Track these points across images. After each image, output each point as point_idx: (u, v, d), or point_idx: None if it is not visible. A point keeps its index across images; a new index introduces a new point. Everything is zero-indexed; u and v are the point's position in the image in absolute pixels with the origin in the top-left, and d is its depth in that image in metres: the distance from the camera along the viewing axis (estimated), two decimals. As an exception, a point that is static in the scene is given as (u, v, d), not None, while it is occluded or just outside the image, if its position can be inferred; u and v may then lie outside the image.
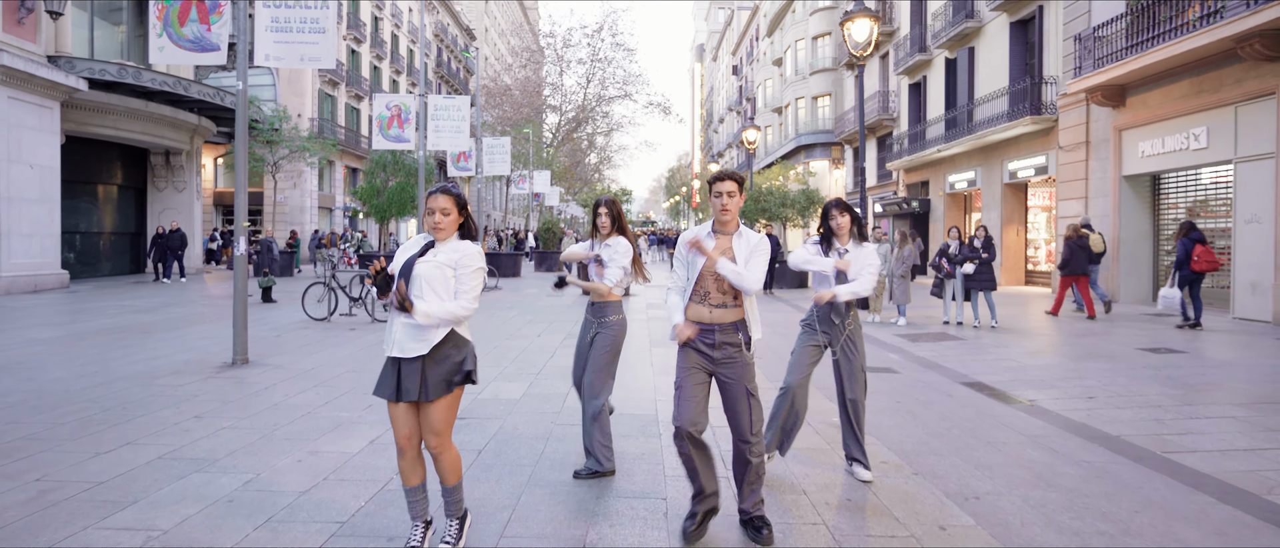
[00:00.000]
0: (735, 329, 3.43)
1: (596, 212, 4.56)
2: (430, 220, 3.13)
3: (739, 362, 3.40)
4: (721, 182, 3.46)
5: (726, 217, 3.45)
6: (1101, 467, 4.63)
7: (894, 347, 9.71)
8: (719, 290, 3.42)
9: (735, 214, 3.47)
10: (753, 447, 3.40)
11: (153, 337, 9.81)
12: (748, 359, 3.43)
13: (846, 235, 4.61)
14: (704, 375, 3.45)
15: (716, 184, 3.47)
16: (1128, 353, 8.88)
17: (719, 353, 3.41)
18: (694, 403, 3.38)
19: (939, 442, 5.18)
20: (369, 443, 4.95)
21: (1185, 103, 12.62)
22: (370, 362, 8.09)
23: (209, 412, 5.76)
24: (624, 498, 4.00)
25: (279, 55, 7.55)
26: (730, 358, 3.41)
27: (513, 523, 3.64)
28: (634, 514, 3.77)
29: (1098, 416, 5.93)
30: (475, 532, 3.53)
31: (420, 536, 3.23)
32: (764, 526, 3.44)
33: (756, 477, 3.46)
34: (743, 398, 3.40)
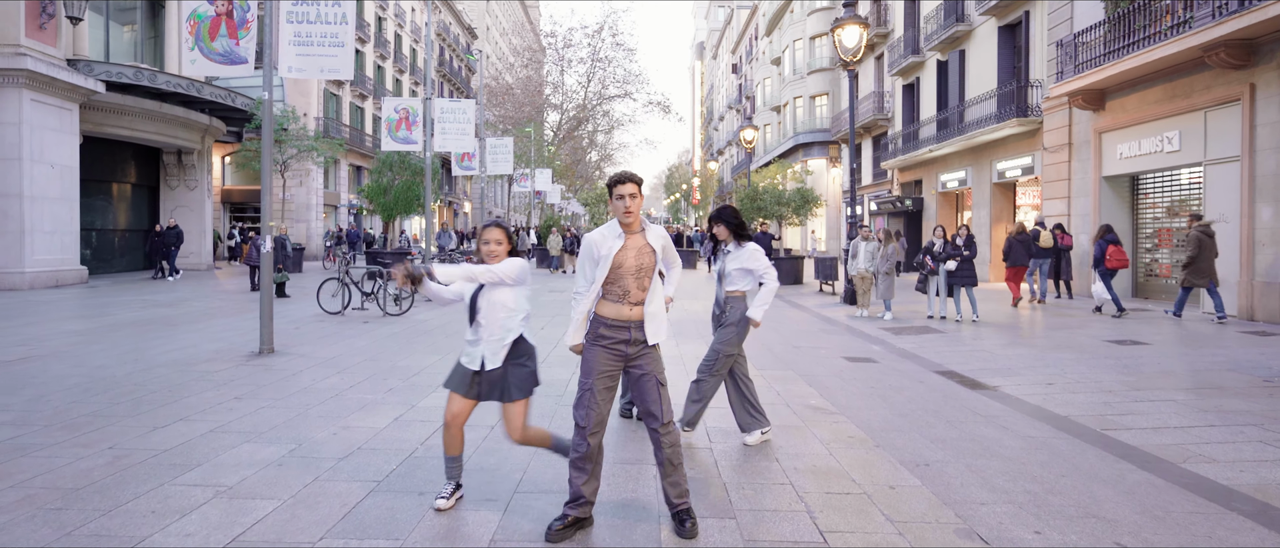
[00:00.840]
0: (642, 326, 3.56)
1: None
2: (486, 248, 3.80)
3: (650, 354, 3.56)
4: (622, 184, 3.48)
5: (629, 219, 3.48)
6: (1043, 441, 5.23)
7: (877, 339, 10.31)
8: (639, 288, 3.51)
9: (638, 215, 3.53)
10: (666, 431, 3.52)
11: (178, 329, 10.43)
12: (656, 352, 3.60)
13: (728, 239, 5.14)
14: (615, 378, 3.56)
15: (617, 187, 3.49)
16: (1095, 345, 9.47)
17: (634, 349, 3.53)
18: (604, 406, 3.51)
19: (903, 421, 5.79)
20: (393, 420, 5.56)
21: (1159, 107, 13.21)
22: (385, 352, 8.71)
23: (247, 394, 6.38)
24: (621, 463, 4.61)
25: (301, 67, 8.15)
26: (642, 352, 3.55)
27: (525, 481, 4.26)
28: (628, 475, 4.38)
29: (1053, 399, 6.52)
30: (494, 486, 4.14)
31: (449, 491, 3.87)
32: (688, 518, 3.53)
33: (673, 466, 3.54)
34: (655, 386, 3.53)
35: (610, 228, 3.56)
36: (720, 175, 67.77)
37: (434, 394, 6.45)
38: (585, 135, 46.03)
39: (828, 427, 5.58)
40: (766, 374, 7.62)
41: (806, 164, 38.24)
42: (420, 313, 12.72)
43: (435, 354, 8.56)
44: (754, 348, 9.23)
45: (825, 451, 4.96)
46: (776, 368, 8.03)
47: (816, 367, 8.17)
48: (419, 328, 10.86)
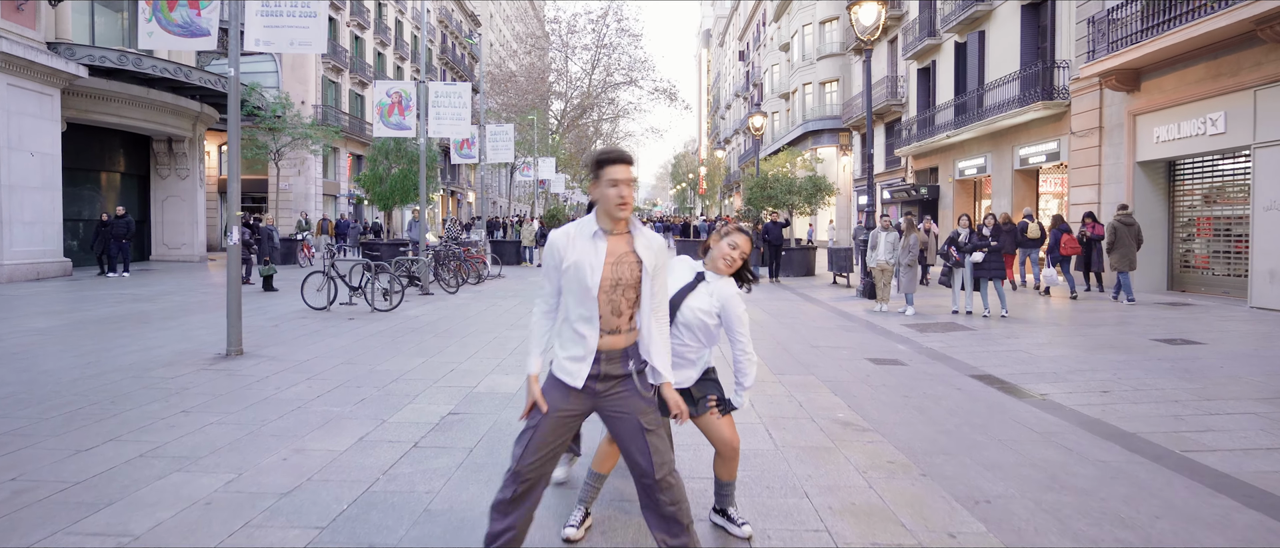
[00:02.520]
0: (625, 357, 2.72)
1: None
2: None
3: (627, 393, 2.73)
4: (614, 165, 2.61)
5: (623, 212, 2.62)
6: (1118, 467, 4.44)
7: (902, 337, 9.51)
8: (613, 313, 2.67)
9: (631, 207, 2.65)
10: (664, 486, 2.70)
11: (151, 326, 9.69)
12: (641, 391, 2.75)
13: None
14: (574, 420, 2.77)
15: (608, 168, 2.61)
16: (1142, 343, 8.65)
17: (602, 385, 2.71)
18: (548, 450, 2.70)
19: (947, 439, 5.00)
20: (357, 441, 4.80)
21: (1202, 87, 12.30)
22: (365, 353, 7.95)
23: (197, 406, 5.62)
24: (618, 501, 3.84)
25: (269, 40, 7.37)
26: (615, 391, 2.73)
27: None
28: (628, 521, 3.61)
29: (1113, 411, 5.73)
30: (462, 535, 3.37)
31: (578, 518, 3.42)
32: None
33: (681, 526, 2.75)
34: (638, 433, 2.70)
35: (584, 225, 2.69)
36: (727, 164, 66.80)
37: (409, 406, 5.69)
38: (590, 124, 45.17)
39: (862, 448, 4.79)
40: (786, 380, 6.84)
41: (816, 152, 37.34)
42: (412, 309, 11.96)
43: (420, 356, 7.80)
44: (771, 349, 8.45)
45: (863, 481, 4.17)
46: (796, 372, 7.25)
47: (839, 370, 7.38)
48: (408, 326, 10.10)
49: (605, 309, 2.66)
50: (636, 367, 2.75)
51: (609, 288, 2.64)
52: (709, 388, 3.31)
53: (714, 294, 3.18)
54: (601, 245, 2.64)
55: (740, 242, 3.22)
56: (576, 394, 2.73)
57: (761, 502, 3.84)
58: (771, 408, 5.76)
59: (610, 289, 2.64)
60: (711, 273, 3.26)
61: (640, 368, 2.76)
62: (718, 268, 3.23)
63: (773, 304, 13.11)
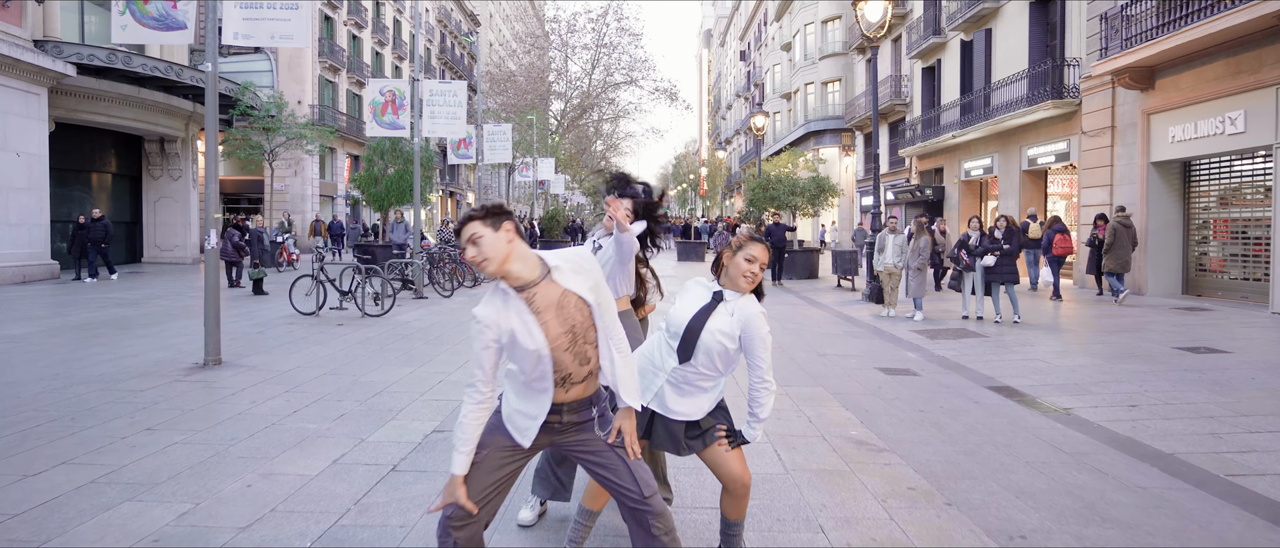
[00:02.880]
0: (588, 404, 2.49)
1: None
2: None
3: (590, 429, 2.50)
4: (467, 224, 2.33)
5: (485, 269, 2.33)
6: (1160, 494, 4.06)
7: (912, 344, 9.13)
8: (581, 362, 2.40)
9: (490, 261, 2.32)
10: (654, 512, 2.46)
11: (130, 332, 9.32)
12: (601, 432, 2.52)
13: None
14: (519, 459, 2.49)
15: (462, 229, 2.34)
16: (1164, 353, 8.26)
17: (559, 428, 2.48)
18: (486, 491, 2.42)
19: (971, 462, 4.62)
20: (331, 463, 4.42)
21: (1220, 84, 11.91)
22: (351, 362, 7.57)
23: (164, 423, 5.24)
24: (613, 536, 3.46)
25: (248, 33, 7.00)
26: (579, 429, 2.50)
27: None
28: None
29: (1144, 428, 5.34)
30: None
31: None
32: None
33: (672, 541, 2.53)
34: (612, 455, 2.48)
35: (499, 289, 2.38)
36: (728, 165, 66.43)
37: (392, 423, 5.31)
38: (590, 124, 44.77)
39: (879, 472, 4.41)
40: (793, 391, 6.46)
41: (818, 152, 36.98)
42: (403, 314, 11.58)
43: (408, 365, 7.42)
44: (776, 357, 8.05)
45: (883, 512, 3.79)
46: (804, 382, 6.87)
47: (849, 381, 7.00)
48: (398, 332, 9.72)
49: (572, 365, 2.39)
50: (599, 411, 2.53)
51: (567, 344, 2.35)
52: (717, 417, 2.93)
53: (735, 314, 2.80)
54: (519, 304, 2.34)
55: (758, 253, 2.84)
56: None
57: (772, 537, 3.46)
58: (779, 424, 5.38)
59: (569, 344, 2.36)
60: (730, 291, 2.88)
61: (603, 412, 2.55)
62: (738, 285, 2.85)
63: (776, 308, 12.73)
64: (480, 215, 2.32)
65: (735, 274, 2.84)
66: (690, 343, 2.78)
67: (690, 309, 2.84)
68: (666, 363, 2.85)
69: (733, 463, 2.86)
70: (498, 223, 2.31)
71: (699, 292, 2.91)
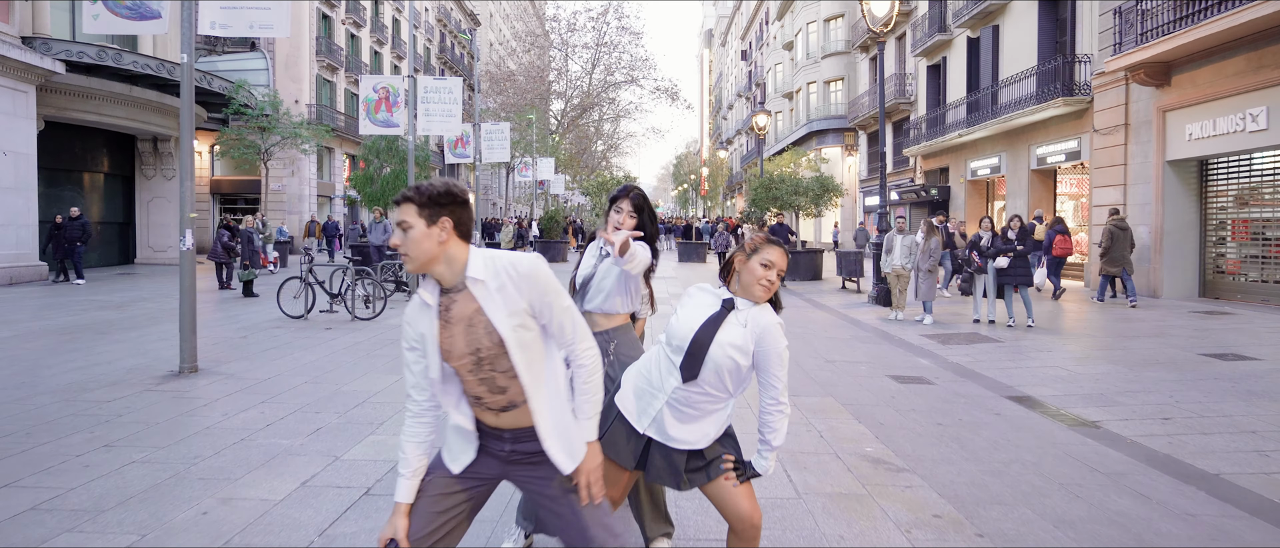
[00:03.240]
0: (534, 434, 2.07)
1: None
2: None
3: (543, 464, 2.10)
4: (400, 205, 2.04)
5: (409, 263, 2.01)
6: (1213, 524, 3.67)
7: (923, 350, 8.74)
8: (493, 390, 2.02)
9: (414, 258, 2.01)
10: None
11: (107, 338, 8.94)
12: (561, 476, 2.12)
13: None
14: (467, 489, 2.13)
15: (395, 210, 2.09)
16: (1189, 359, 7.87)
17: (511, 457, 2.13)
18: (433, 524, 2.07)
19: (999, 484, 4.22)
20: (299, 486, 4.03)
21: (1240, 80, 11.51)
22: (336, 369, 7.19)
23: (124, 438, 4.86)
24: None
25: (226, 22, 6.63)
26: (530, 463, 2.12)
27: None
28: None
29: (1182, 444, 4.95)
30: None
31: None
32: None
33: None
34: (567, 505, 2.11)
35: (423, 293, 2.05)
36: (730, 165, 66.04)
37: (370, 439, 4.92)
38: (591, 124, 44.39)
39: (900, 495, 4.03)
40: (800, 402, 6.07)
41: (821, 152, 36.58)
42: (395, 316, 11.19)
43: (394, 373, 7.04)
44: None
45: (908, 544, 3.40)
46: (812, 392, 6.47)
47: (860, 390, 6.61)
48: (387, 336, 9.33)
49: (479, 389, 2.01)
50: None
51: (470, 366, 1.98)
52: (724, 445, 2.54)
53: (749, 325, 2.41)
54: (429, 313, 2.01)
55: (775, 258, 2.44)
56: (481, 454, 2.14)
57: (785, 578, 3.07)
58: (789, 440, 4.98)
59: (473, 367, 1.98)
60: (742, 300, 2.48)
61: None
62: (753, 294, 2.46)
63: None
64: (417, 200, 1.96)
65: (749, 281, 2.45)
66: (697, 359, 2.39)
67: (696, 319, 2.45)
68: (667, 383, 2.46)
69: (742, 500, 2.47)
70: (435, 216, 1.95)
71: (705, 299, 2.51)
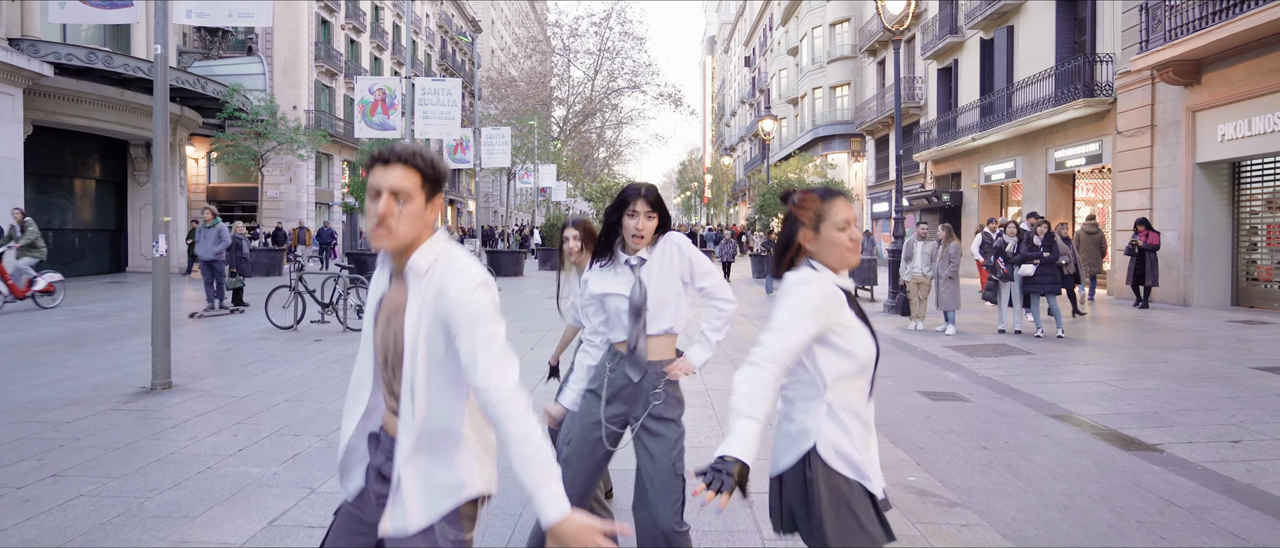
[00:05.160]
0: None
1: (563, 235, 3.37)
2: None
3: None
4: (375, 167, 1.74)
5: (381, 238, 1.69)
6: (1330, 572, 3.12)
7: (950, 363, 8.20)
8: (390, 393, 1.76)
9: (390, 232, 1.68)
10: None
11: (82, 350, 8.41)
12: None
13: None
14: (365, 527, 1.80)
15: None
16: (1242, 373, 7.32)
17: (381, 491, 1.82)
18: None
19: (1067, 522, 3.68)
20: (266, 526, 3.50)
21: (1277, 77, 10.98)
22: (321, 385, 6.66)
23: (76, 467, 4.33)
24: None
25: (203, 11, 6.13)
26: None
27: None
28: None
29: (1262, 472, 4.41)
30: None
31: None
32: None
33: None
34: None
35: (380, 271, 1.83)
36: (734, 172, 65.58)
37: (351, 467, 4.37)
38: (593, 130, 43.95)
39: (955, 536, 3.50)
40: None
41: (827, 158, 36.10)
42: (390, 327, 10.66)
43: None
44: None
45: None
46: (839, 412, 5.92)
47: (891, 409, 6.07)
48: (380, 348, 8.79)
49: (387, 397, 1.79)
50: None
51: (380, 363, 1.77)
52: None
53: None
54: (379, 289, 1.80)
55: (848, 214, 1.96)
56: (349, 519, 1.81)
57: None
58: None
59: (382, 365, 1.77)
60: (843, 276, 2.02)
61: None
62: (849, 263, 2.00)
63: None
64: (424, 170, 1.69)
65: (837, 253, 1.93)
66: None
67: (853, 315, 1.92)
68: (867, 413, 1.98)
69: None
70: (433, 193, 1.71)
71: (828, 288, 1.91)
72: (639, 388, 2.56)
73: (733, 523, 3.59)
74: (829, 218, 1.91)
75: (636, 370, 2.54)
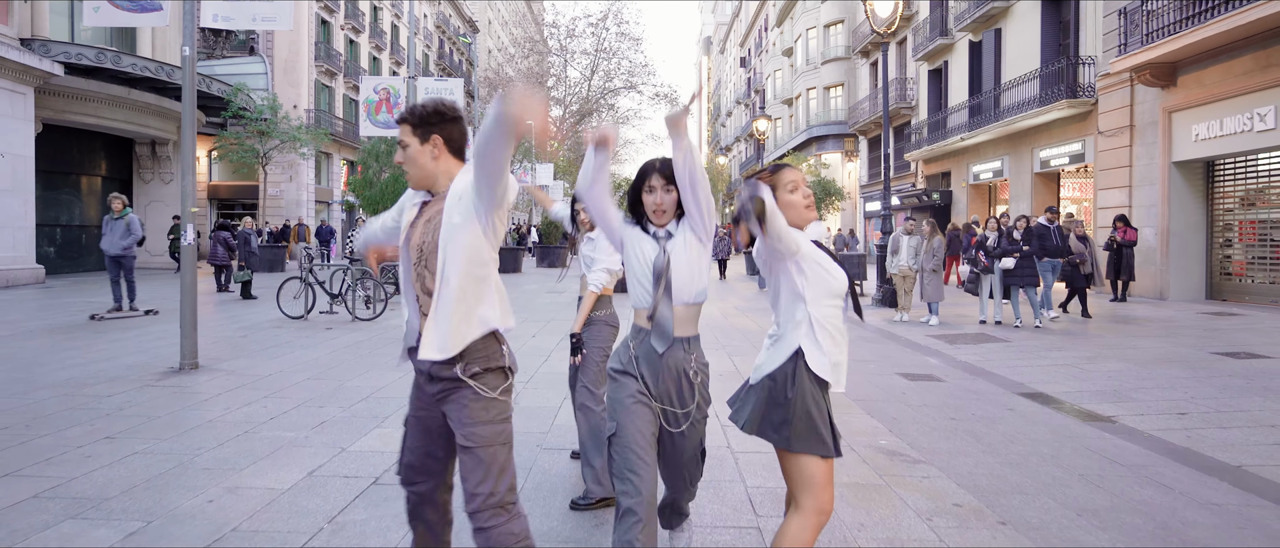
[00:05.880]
0: (451, 360, 2.18)
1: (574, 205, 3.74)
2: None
3: (460, 400, 2.19)
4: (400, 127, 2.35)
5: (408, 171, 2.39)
6: (1238, 513, 3.60)
7: (931, 349, 8.67)
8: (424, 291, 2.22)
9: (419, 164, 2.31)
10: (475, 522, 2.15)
11: (106, 336, 8.85)
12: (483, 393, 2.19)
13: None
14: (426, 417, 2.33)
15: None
16: (1201, 358, 7.80)
17: (433, 387, 2.24)
18: (416, 452, 2.36)
19: (1018, 475, 4.15)
20: (306, 475, 3.95)
21: (1248, 79, 11.49)
22: (338, 366, 7.10)
23: (125, 431, 4.77)
24: None
25: (228, 15, 6.56)
26: (448, 395, 2.22)
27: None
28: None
29: (1202, 438, 4.88)
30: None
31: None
32: None
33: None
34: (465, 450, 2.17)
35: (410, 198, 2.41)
36: (729, 172, 66.05)
37: (377, 431, 4.83)
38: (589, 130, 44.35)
39: (918, 485, 3.95)
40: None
41: (821, 158, 36.55)
42: (395, 318, 11.11)
43: (397, 370, 6.95)
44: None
45: (930, 532, 3.33)
46: (822, 389, 6.38)
47: (869, 386, 6.54)
48: (389, 336, 9.25)
49: (417, 288, 2.23)
50: (468, 371, 2.18)
51: (415, 258, 2.23)
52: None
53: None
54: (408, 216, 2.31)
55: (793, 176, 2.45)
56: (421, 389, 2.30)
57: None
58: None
59: (417, 260, 2.22)
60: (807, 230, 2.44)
61: (475, 373, 2.19)
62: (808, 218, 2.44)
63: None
64: (411, 121, 2.24)
65: (796, 211, 2.39)
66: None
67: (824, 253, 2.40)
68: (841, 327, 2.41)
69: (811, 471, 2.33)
70: (427, 134, 2.21)
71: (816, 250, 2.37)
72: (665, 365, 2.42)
73: (737, 520, 4.05)
74: (781, 185, 2.38)
75: (662, 341, 2.41)
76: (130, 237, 10.97)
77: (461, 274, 2.13)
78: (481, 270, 2.18)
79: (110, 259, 10.94)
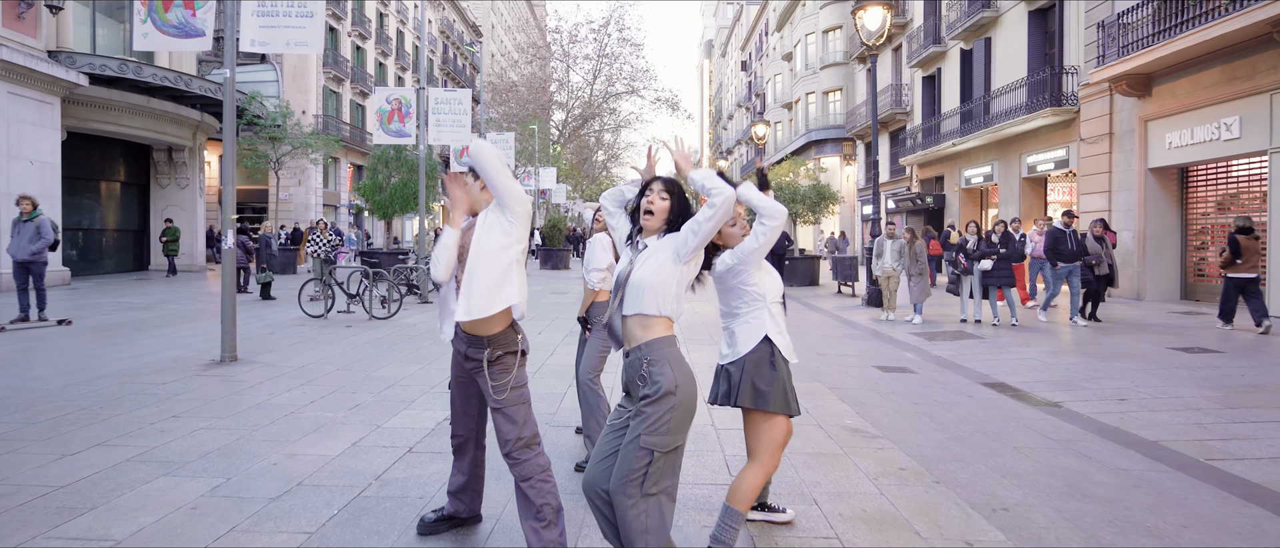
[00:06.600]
0: (482, 344, 2.99)
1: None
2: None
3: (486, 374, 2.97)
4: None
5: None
6: (1140, 475, 4.26)
7: (910, 346, 9.33)
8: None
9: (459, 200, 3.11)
10: (513, 461, 2.93)
11: (145, 333, 9.55)
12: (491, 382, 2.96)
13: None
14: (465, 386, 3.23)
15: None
16: (1157, 353, 8.47)
17: (469, 364, 3.07)
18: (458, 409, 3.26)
19: (960, 446, 4.82)
20: (351, 446, 4.64)
21: (1216, 91, 12.15)
22: (362, 359, 7.80)
23: (188, 411, 5.46)
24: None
25: (265, 40, 7.25)
26: (476, 370, 3.02)
27: (496, 533, 3.32)
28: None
29: (1131, 419, 5.54)
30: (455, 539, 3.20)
31: None
32: None
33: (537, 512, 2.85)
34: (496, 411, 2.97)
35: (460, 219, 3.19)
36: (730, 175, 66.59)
37: (405, 412, 5.52)
38: (591, 134, 45.11)
39: (872, 455, 4.62)
40: (792, 387, 6.65)
41: (820, 161, 37.19)
42: (410, 316, 11.81)
43: (417, 363, 7.64)
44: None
45: (874, 488, 4.00)
46: (802, 378, 7.04)
47: (846, 377, 7.21)
48: (405, 333, 9.95)
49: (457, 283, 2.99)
50: (489, 356, 2.94)
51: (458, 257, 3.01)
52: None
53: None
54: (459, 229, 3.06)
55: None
56: (459, 363, 3.12)
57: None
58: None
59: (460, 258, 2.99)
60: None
61: (495, 357, 2.94)
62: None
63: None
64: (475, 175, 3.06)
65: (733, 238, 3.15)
66: None
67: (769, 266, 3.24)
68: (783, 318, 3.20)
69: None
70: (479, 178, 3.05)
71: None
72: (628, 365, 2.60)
73: (713, 479, 4.73)
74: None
75: (617, 345, 2.69)
76: (41, 241, 10.12)
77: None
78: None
79: (17, 265, 10.06)
